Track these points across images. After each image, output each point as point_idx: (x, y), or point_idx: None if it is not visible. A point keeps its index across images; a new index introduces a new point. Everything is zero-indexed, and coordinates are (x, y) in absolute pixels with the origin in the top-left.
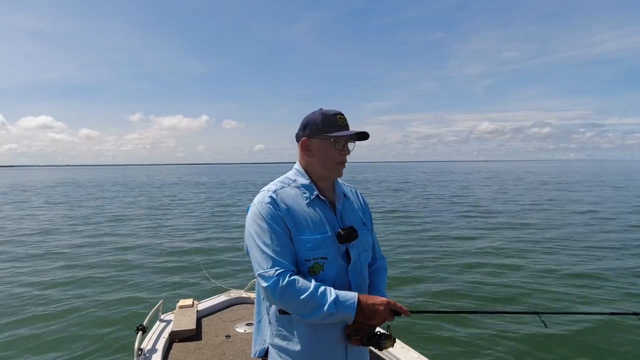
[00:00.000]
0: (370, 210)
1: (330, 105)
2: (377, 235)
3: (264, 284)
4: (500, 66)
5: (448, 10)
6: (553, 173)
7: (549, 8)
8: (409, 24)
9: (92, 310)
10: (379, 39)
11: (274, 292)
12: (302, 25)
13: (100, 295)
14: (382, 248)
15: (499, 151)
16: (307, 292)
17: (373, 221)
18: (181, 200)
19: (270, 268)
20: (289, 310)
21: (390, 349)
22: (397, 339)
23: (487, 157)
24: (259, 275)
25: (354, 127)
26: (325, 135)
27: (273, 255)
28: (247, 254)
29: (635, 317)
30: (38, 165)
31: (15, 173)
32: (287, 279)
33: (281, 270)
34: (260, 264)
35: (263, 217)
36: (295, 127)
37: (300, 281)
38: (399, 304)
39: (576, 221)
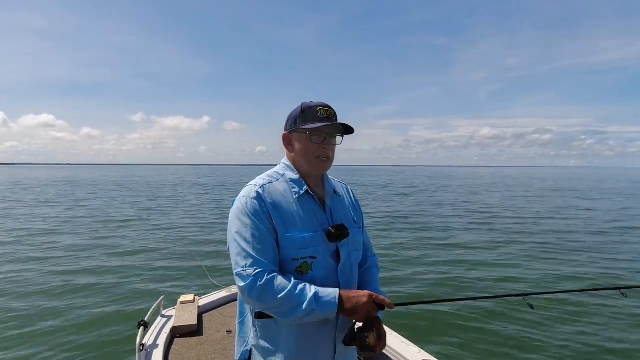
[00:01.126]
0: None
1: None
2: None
3: (241, 284)
4: (503, 72)
5: (452, 14)
6: (558, 179)
7: (553, 14)
8: (413, 28)
9: (93, 306)
10: (382, 42)
11: (251, 292)
12: (305, 27)
13: (102, 292)
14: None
15: (500, 157)
16: (286, 290)
17: (364, 220)
18: (182, 200)
19: (248, 267)
20: (267, 311)
21: (390, 344)
22: (397, 334)
23: (487, 163)
24: (237, 274)
25: (356, 129)
26: (301, 128)
27: (253, 254)
28: (229, 250)
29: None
30: (38, 164)
31: (15, 171)
32: (265, 277)
33: (260, 269)
34: (239, 262)
35: (247, 212)
36: None
37: (279, 279)
38: (381, 297)
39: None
